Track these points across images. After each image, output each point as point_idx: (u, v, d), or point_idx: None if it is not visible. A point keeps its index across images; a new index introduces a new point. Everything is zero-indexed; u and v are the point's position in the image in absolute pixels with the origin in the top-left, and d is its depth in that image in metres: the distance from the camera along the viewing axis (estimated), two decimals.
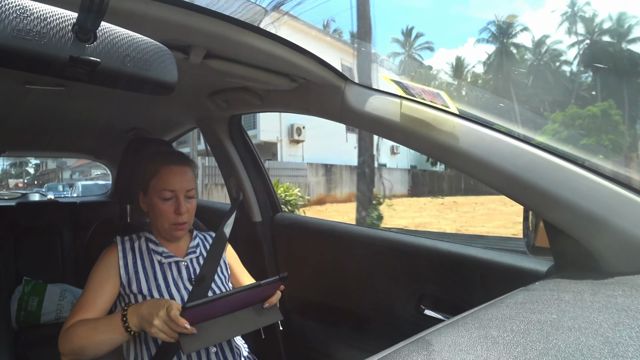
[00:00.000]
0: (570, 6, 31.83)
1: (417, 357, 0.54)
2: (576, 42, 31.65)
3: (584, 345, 0.53)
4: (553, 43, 32.91)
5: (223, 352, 1.27)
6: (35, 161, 37.63)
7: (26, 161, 38.12)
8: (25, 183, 36.54)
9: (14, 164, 38.63)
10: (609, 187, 0.87)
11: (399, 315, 1.48)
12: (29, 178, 39.65)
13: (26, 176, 40.00)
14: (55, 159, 30.45)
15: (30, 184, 36.18)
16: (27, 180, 38.34)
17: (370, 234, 1.64)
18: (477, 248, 1.32)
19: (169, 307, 1.03)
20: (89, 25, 0.54)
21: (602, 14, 36.44)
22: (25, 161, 38.02)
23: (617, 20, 30.06)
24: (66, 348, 1.13)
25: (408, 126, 1.05)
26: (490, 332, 0.60)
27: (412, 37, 36.96)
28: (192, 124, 2.12)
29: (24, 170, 40.59)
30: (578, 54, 31.58)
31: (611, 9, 40.95)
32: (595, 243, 0.87)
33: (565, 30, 32.16)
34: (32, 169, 40.88)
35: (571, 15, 31.93)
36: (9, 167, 38.87)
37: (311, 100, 1.31)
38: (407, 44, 37.12)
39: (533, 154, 0.93)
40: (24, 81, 1.37)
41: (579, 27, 31.53)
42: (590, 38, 30.98)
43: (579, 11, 31.57)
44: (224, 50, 1.09)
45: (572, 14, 31.85)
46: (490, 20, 34.69)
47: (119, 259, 1.27)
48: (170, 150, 1.38)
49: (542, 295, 0.75)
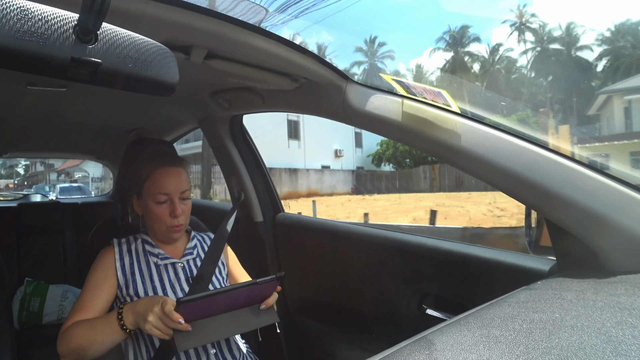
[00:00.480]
0: (518, 17, 35.35)
1: (419, 356, 0.54)
2: (526, 49, 35.28)
3: (587, 345, 0.53)
4: (506, 51, 36.59)
5: (222, 352, 1.27)
6: (25, 162, 38.33)
7: (16, 162, 38.84)
8: (15, 184, 37.04)
9: (3, 165, 39.29)
10: (612, 186, 0.87)
11: (401, 314, 1.48)
12: (19, 179, 40.18)
13: (16, 177, 40.49)
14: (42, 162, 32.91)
15: (20, 184, 36.74)
16: (17, 181, 38.81)
17: (372, 233, 1.64)
18: (479, 247, 1.32)
19: (164, 303, 1.03)
20: (90, 26, 0.54)
21: (551, 24, 41.01)
22: (16, 162, 38.74)
23: (565, 29, 33.69)
24: (65, 349, 1.12)
25: (410, 125, 1.05)
26: (492, 331, 0.60)
27: (375, 46, 39.39)
28: (193, 124, 2.12)
29: (14, 171, 41.07)
30: (529, 60, 35.10)
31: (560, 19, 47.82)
32: (598, 242, 0.87)
33: (515, 39, 36.08)
34: (22, 169, 41.38)
35: (519, 26, 35.26)
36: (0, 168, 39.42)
37: (313, 100, 1.31)
38: (370, 52, 39.52)
39: (536, 153, 0.93)
40: (26, 82, 1.37)
41: (528, 36, 35.25)
42: (540, 46, 34.22)
43: (526, 22, 35.07)
44: (225, 51, 1.09)
45: (520, 24, 35.19)
46: (445, 30, 37.96)
47: (116, 261, 1.26)
48: (163, 151, 1.36)
49: (544, 294, 0.75)
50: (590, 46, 32.94)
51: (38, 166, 36.73)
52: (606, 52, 31.82)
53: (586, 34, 33.77)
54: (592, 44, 32.94)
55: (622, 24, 32.19)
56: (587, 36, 33.78)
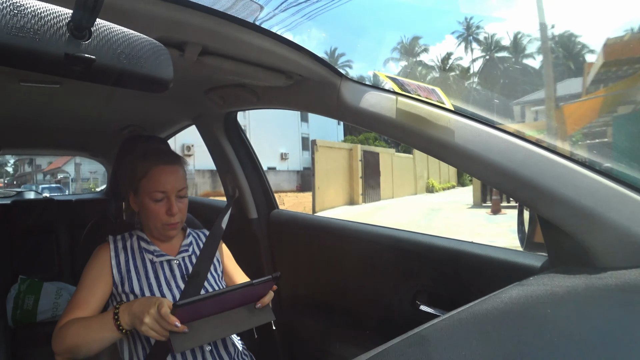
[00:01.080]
0: (465, 29, 38.00)
1: (412, 352, 0.54)
2: (474, 58, 38.10)
3: (578, 339, 0.53)
4: (456, 59, 39.28)
5: (218, 350, 1.27)
6: (13, 159, 38.81)
7: (5, 161, 39.34)
8: (5, 183, 37.56)
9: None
10: (604, 183, 0.88)
11: (395, 311, 1.49)
12: (9, 178, 40.57)
13: (6, 176, 40.84)
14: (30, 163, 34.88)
15: (10, 184, 37.32)
16: (6, 181, 39.20)
17: (366, 230, 1.64)
18: (472, 244, 1.33)
19: (160, 305, 1.03)
20: (84, 22, 0.54)
21: (499, 34, 44.19)
22: (5, 162, 39.23)
23: (513, 38, 36.35)
24: (60, 347, 1.12)
25: (404, 122, 1.06)
26: (485, 326, 0.60)
27: (335, 56, 40.63)
28: (188, 121, 2.12)
29: (3, 170, 41.34)
30: (480, 68, 37.48)
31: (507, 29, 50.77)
32: (589, 238, 0.88)
33: (464, 49, 38.98)
34: (12, 168, 41.78)
35: (466, 37, 38.15)
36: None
37: (307, 97, 1.31)
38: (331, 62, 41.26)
39: (528, 150, 0.94)
40: (19, 79, 1.36)
41: (475, 46, 38.22)
42: (488, 54, 36.77)
43: (472, 33, 38.00)
44: (220, 47, 1.09)
45: (467, 35, 38.03)
46: (399, 41, 39.89)
47: (111, 258, 1.26)
48: (160, 149, 1.36)
49: (536, 290, 0.75)
50: (534, 54, 35.38)
51: (26, 167, 38.04)
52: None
53: (532, 42, 35.88)
54: (535, 53, 35.35)
55: (560, 34, 34.44)
56: (533, 45, 36.03)
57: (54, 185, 25.17)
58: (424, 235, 1.46)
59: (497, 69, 35.33)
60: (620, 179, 0.89)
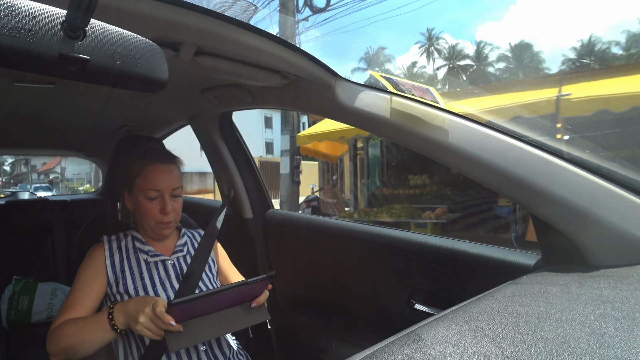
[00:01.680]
0: (427, 40, 40.07)
1: (407, 350, 0.55)
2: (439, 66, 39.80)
3: (571, 337, 0.54)
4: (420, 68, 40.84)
5: (213, 350, 1.27)
6: (11, 159, 40.24)
7: (3, 161, 40.40)
8: (2, 182, 39.08)
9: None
10: (596, 182, 0.89)
11: (390, 309, 1.49)
12: (7, 177, 41.57)
13: (3, 175, 41.75)
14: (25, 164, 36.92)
15: (7, 182, 38.85)
16: (4, 180, 40.37)
17: (361, 229, 1.65)
18: (466, 243, 1.33)
19: (155, 304, 1.03)
20: (79, 23, 0.54)
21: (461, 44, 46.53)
22: (2, 161, 40.31)
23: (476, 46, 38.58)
24: (54, 348, 1.12)
25: (398, 122, 1.06)
26: (479, 325, 0.61)
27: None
28: (183, 120, 2.11)
29: (1, 169, 42.15)
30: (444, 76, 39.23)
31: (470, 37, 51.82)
32: (582, 237, 0.89)
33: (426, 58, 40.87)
34: (9, 167, 42.83)
35: (428, 47, 40.13)
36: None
37: (302, 97, 1.32)
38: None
39: (522, 149, 0.94)
40: (13, 79, 1.35)
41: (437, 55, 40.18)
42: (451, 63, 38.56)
43: (433, 44, 39.91)
44: (215, 47, 1.09)
45: (429, 46, 39.99)
46: (365, 51, 40.90)
47: (106, 258, 1.26)
48: (156, 149, 1.36)
49: (530, 288, 0.76)
50: (493, 63, 37.07)
51: (22, 167, 39.82)
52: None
53: (493, 51, 37.87)
54: (495, 61, 37.10)
55: (516, 45, 36.27)
56: (494, 53, 38.10)
57: (43, 185, 28.02)
58: (418, 235, 1.47)
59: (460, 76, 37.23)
60: (613, 178, 0.89)
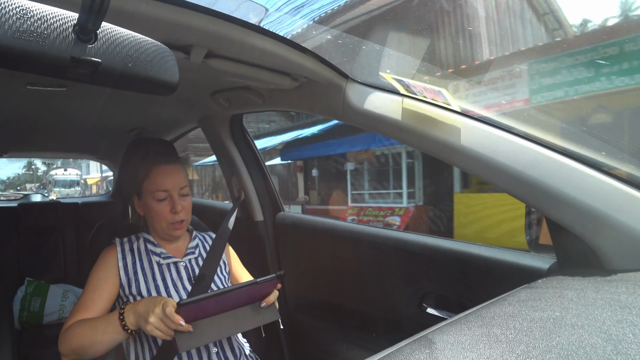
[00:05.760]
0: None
1: (419, 355, 0.54)
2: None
3: (587, 343, 0.53)
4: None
5: (224, 351, 1.27)
6: (44, 168, 41.78)
7: (36, 167, 42.37)
8: (37, 187, 40.54)
9: (27, 170, 43.31)
10: (613, 185, 0.87)
11: (402, 313, 1.48)
12: (39, 183, 43.11)
13: (37, 181, 43.31)
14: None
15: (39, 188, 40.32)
16: (37, 185, 41.94)
17: (372, 232, 1.64)
18: (479, 246, 1.32)
19: (165, 304, 1.03)
20: (90, 26, 0.54)
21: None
22: (36, 167, 42.32)
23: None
24: (66, 348, 1.13)
25: (410, 124, 1.05)
26: (492, 330, 0.60)
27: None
28: (193, 123, 2.12)
29: (35, 175, 43.80)
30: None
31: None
32: (598, 240, 0.87)
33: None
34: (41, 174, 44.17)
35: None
36: (25, 171, 43.55)
37: (313, 99, 1.31)
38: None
39: (536, 152, 0.93)
40: (26, 82, 1.37)
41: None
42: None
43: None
44: (225, 50, 1.09)
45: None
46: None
47: (119, 260, 1.27)
48: (159, 150, 1.37)
49: (544, 292, 0.75)
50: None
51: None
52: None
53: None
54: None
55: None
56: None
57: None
58: (430, 238, 1.45)
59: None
60: (630, 180, 0.88)
